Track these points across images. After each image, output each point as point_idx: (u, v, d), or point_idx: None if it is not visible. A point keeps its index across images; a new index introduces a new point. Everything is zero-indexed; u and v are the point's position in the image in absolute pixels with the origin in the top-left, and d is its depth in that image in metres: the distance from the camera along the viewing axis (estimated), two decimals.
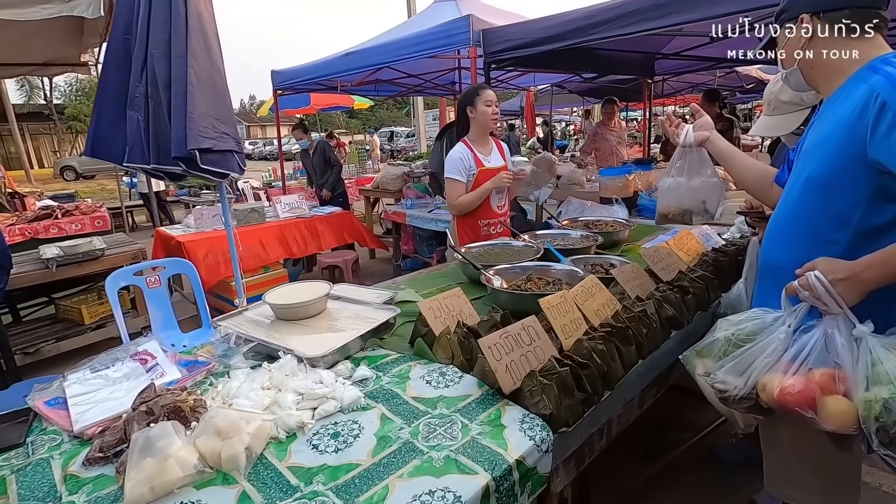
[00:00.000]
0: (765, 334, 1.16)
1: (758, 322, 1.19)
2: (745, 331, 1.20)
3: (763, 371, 1.11)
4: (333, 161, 5.65)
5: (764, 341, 1.15)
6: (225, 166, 2.44)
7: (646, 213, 3.09)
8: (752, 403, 1.13)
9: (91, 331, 3.62)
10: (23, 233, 5.25)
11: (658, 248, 1.84)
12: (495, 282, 1.80)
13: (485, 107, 2.56)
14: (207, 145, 2.33)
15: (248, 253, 4.04)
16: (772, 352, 1.11)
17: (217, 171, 2.39)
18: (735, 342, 1.21)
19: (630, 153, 9.50)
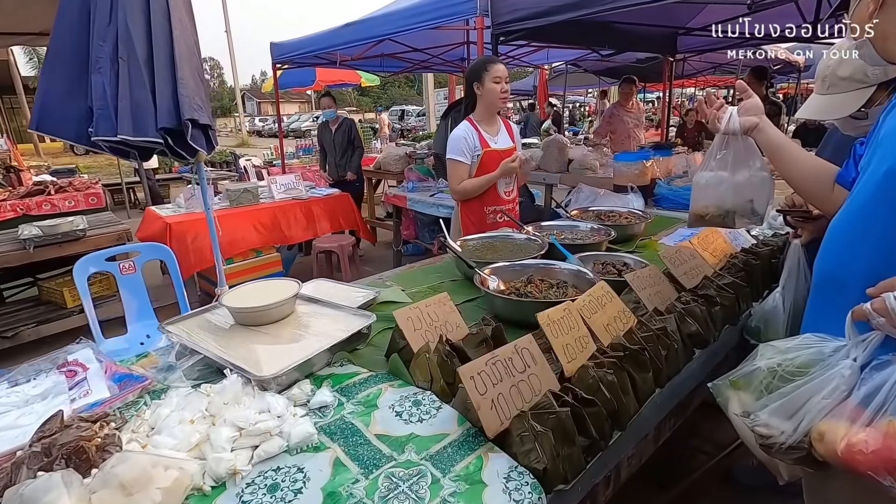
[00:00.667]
0: (822, 368, 0.92)
1: (813, 352, 0.96)
2: (795, 361, 0.97)
3: (820, 415, 0.88)
4: (357, 143, 5.19)
5: (821, 377, 0.91)
6: (201, 142, 2.22)
7: (664, 203, 2.82)
8: (803, 454, 0.90)
9: (75, 314, 3.47)
10: (14, 209, 5.10)
11: (680, 249, 1.60)
12: (491, 283, 1.58)
13: (493, 83, 2.30)
14: (195, 116, 2.11)
15: (238, 236, 3.84)
16: (832, 392, 0.88)
17: (194, 147, 2.17)
18: (782, 375, 0.98)
19: (646, 136, 9.12)
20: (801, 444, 0.90)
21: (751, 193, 1.33)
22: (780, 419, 0.93)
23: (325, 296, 1.65)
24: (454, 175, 2.40)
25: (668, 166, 3.13)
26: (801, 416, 0.90)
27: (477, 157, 2.37)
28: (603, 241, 2.03)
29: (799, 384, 0.92)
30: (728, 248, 1.76)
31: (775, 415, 0.93)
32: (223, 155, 11.73)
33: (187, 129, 2.02)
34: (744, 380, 1.03)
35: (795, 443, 0.90)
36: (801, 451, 0.90)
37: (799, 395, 0.92)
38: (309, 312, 1.42)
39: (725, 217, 1.38)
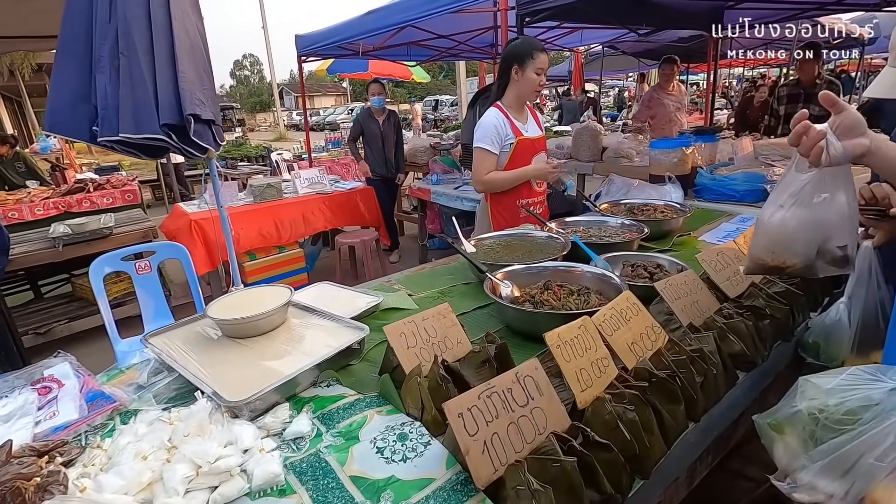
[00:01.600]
0: (874, 418, 0.73)
1: (860, 397, 0.76)
2: (840, 408, 0.77)
3: (873, 479, 0.69)
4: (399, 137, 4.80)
5: (874, 431, 0.72)
6: (205, 139, 2.15)
7: (706, 194, 2.56)
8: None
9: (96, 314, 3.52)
10: (56, 206, 5.28)
11: (723, 250, 1.39)
12: (504, 289, 1.42)
13: (534, 74, 2.12)
14: (197, 112, 2.04)
15: (260, 232, 3.81)
16: (890, 450, 0.69)
17: (199, 144, 2.10)
18: (826, 424, 0.78)
19: (689, 121, 8.59)
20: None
21: (840, 234, 1.02)
22: (827, 480, 0.74)
23: (326, 301, 1.54)
24: (481, 165, 2.22)
25: (711, 153, 2.85)
26: (853, 479, 0.71)
27: (509, 145, 2.20)
28: (634, 239, 1.82)
29: (850, 438, 0.73)
30: None
31: (822, 476, 0.74)
32: (258, 149, 11.95)
33: (189, 125, 1.94)
34: (787, 422, 0.84)
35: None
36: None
37: (848, 452, 0.73)
38: (302, 323, 1.31)
39: (807, 267, 1.07)
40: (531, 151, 2.28)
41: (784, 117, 4.13)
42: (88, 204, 5.43)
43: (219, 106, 2.46)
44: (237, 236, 3.73)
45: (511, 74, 2.17)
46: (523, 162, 2.25)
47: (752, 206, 2.40)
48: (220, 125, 2.41)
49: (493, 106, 2.24)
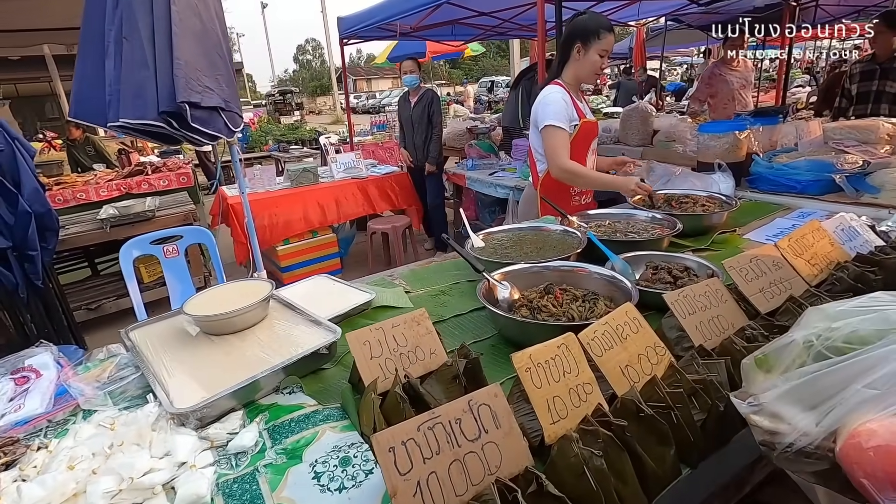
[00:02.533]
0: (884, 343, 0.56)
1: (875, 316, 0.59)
2: (843, 332, 0.61)
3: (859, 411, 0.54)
4: (436, 121, 4.27)
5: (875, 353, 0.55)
6: (211, 126, 2.14)
7: (762, 184, 2.26)
8: (824, 467, 0.56)
9: (150, 289, 3.72)
10: (118, 188, 5.63)
11: (758, 256, 1.18)
12: (501, 292, 1.29)
13: (597, 55, 1.95)
14: (195, 99, 2.03)
15: (294, 217, 3.85)
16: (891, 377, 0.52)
17: (204, 131, 2.10)
18: (821, 351, 0.62)
19: (763, 100, 7.79)
20: (822, 448, 0.55)
21: None
22: (795, 408, 0.58)
23: (318, 296, 1.48)
24: (557, 145, 1.99)
25: (771, 137, 2.52)
26: (829, 408, 0.55)
27: (574, 127, 2.04)
28: (663, 236, 1.62)
29: (836, 360, 0.57)
30: (836, 253, 1.29)
31: (789, 401, 0.59)
32: (312, 133, 12.23)
33: (185, 112, 1.92)
34: (773, 355, 0.68)
35: (813, 447, 0.55)
36: (822, 461, 0.55)
37: (832, 375, 0.56)
38: (281, 321, 1.25)
39: None
40: (591, 136, 2.12)
41: (857, 97, 3.63)
42: (147, 186, 5.74)
43: (236, 91, 2.44)
44: (273, 221, 3.79)
45: (572, 52, 1.99)
46: (583, 147, 2.09)
47: (815, 198, 2.09)
48: (235, 111, 2.40)
49: (553, 83, 2.05)
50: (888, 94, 3.44)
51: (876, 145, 2.27)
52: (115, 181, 5.69)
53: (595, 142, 2.15)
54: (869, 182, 2.03)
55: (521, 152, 3.95)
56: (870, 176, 2.05)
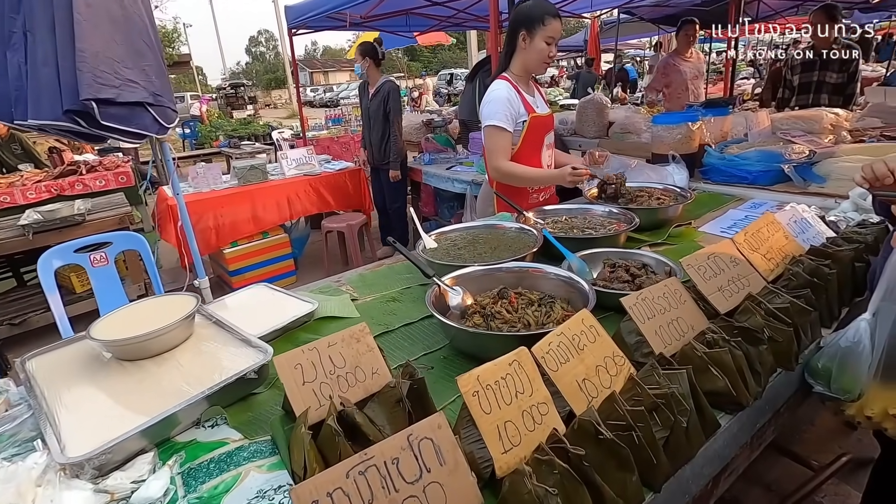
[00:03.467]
0: None
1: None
2: None
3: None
4: (392, 118, 3.76)
5: None
6: (134, 123, 1.94)
7: (714, 176, 2.27)
8: None
9: (83, 300, 3.43)
10: (49, 190, 5.20)
11: (716, 252, 1.14)
12: (453, 297, 1.20)
13: (544, 43, 1.85)
14: (107, 95, 1.83)
15: (241, 217, 3.64)
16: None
17: (125, 129, 1.90)
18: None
19: (711, 91, 8.03)
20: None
21: None
22: None
23: (256, 308, 1.35)
24: (497, 147, 1.92)
25: (722, 128, 2.53)
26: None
27: (522, 123, 1.94)
28: (620, 232, 1.58)
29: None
30: (791, 246, 1.26)
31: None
32: (264, 127, 11.77)
33: (93, 110, 1.73)
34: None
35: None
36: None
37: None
38: (209, 340, 1.11)
39: None
40: (543, 130, 2.04)
41: (799, 87, 3.75)
42: (81, 187, 5.32)
43: (168, 83, 2.25)
44: (219, 222, 3.57)
45: (518, 41, 1.90)
46: (536, 143, 2.01)
47: (766, 189, 2.11)
48: (167, 106, 2.21)
49: (500, 78, 1.96)
50: (828, 84, 3.56)
51: (820, 135, 2.32)
52: (45, 182, 5.25)
53: (550, 136, 2.09)
54: (815, 172, 2.06)
55: (478, 146, 3.87)
56: (816, 165, 2.08)
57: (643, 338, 0.97)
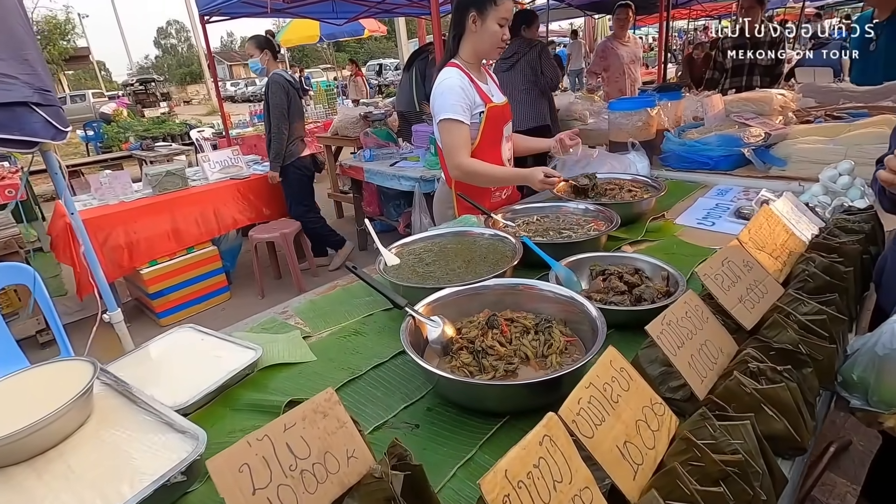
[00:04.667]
0: None
1: None
2: None
3: None
4: (272, 114, 3.39)
5: None
6: (19, 129, 1.56)
7: (675, 162, 2.20)
8: None
9: None
10: None
11: (728, 256, 1.00)
12: (431, 331, 0.99)
13: (496, 25, 1.66)
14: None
15: (158, 231, 3.20)
16: None
17: (4, 138, 1.52)
18: None
19: (642, 75, 8.27)
20: None
21: None
22: None
23: (180, 362, 1.07)
24: (456, 142, 1.71)
25: (676, 113, 2.48)
26: None
27: (479, 114, 1.75)
28: (602, 232, 1.43)
29: None
30: (792, 241, 1.16)
31: None
32: (181, 126, 10.77)
33: None
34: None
35: None
36: None
37: None
38: (112, 424, 0.83)
39: None
40: (502, 121, 1.85)
41: (732, 70, 3.85)
42: None
43: (49, 81, 1.84)
44: (131, 239, 3.11)
45: (467, 23, 1.69)
46: (495, 136, 1.82)
47: (728, 174, 2.06)
48: (55, 105, 1.82)
49: (449, 65, 1.75)
50: (760, 65, 3.66)
51: (770, 116, 2.31)
52: None
53: (508, 127, 1.91)
54: (774, 154, 2.03)
55: (423, 139, 3.64)
56: (773, 148, 2.05)
57: (668, 368, 0.82)
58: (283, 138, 3.43)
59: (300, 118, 3.55)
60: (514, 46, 3.62)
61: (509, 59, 3.66)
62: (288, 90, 3.39)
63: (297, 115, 3.51)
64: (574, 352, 0.98)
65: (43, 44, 28.12)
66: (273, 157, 3.50)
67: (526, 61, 3.62)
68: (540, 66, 3.61)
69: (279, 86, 3.38)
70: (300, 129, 3.58)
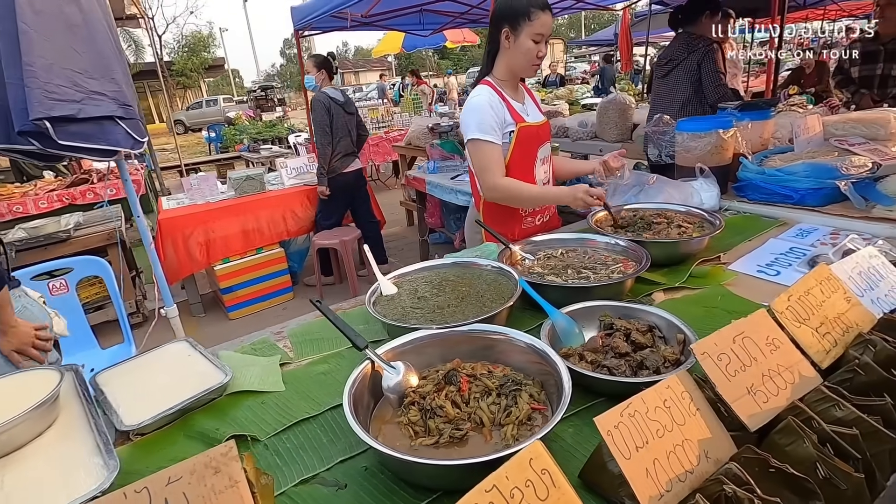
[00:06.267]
0: None
1: None
2: None
3: None
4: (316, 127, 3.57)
5: None
6: (104, 140, 1.76)
7: (752, 193, 1.89)
8: None
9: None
10: (61, 199, 5.20)
11: (747, 328, 0.80)
12: (389, 378, 0.92)
13: (531, 41, 1.57)
14: (65, 112, 1.65)
15: (232, 231, 3.45)
16: None
17: (92, 147, 1.72)
18: None
19: (753, 85, 7.39)
20: None
21: None
22: None
23: (158, 375, 1.11)
24: (488, 162, 1.63)
25: (763, 134, 2.14)
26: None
27: (509, 134, 1.67)
28: (623, 279, 1.25)
29: None
30: (853, 314, 0.91)
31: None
32: (287, 130, 11.70)
33: (47, 130, 1.54)
34: None
35: None
36: None
37: None
38: (71, 437, 0.87)
39: None
40: (536, 142, 1.75)
41: (860, 80, 3.25)
42: (92, 196, 5.31)
43: (133, 93, 2.06)
44: (209, 237, 3.40)
45: (501, 40, 1.62)
46: (527, 157, 1.72)
47: (816, 211, 1.73)
48: (136, 118, 2.02)
49: (482, 83, 1.70)
50: (894, 77, 3.07)
51: (886, 142, 1.90)
52: (58, 191, 5.26)
53: (546, 148, 1.77)
54: (880, 190, 1.66)
55: None
56: (881, 182, 1.68)
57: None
58: (326, 154, 3.53)
59: (346, 134, 3.59)
60: (671, 49, 2.94)
61: (665, 65, 2.96)
62: (329, 107, 3.50)
63: (341, 131, 3.56)
64: (540, 422, 0.85)
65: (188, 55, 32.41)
66: (318, 172, 3.62)
67: (683, 69, 2.85)
68: (699, 76, 2.81)
69: (320, 103, 3.52)
70: (346, 145, 3.60)
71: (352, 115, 3.64)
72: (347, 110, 3.61)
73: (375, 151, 6.79)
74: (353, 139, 3.64)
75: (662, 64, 3.02)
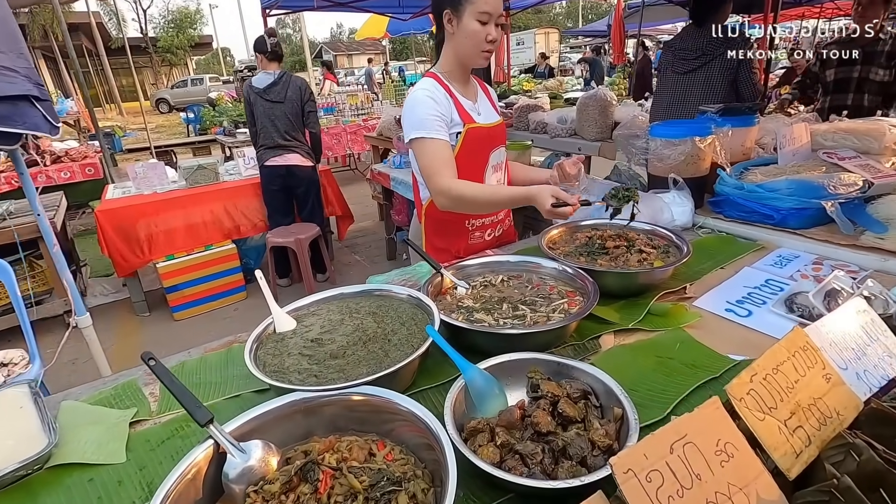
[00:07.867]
0: None
1: None
2: None
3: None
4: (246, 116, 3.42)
5: None
6: (20, 123, 1.53)
7: (728, 210, 1.69)
8: None
9: None
10: (9, 182, 4.89)
11: (687, 436, 0.59)
12: (231, 463, 0.70)
13: (476, 22, 1.33)
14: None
15: (176, 225, 3.19)
16: None
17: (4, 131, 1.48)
18: None
19: None
20: None
21: None
22: None
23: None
24: (436, 162, 1.39)
25: (745, 143, 1.93)
26: None
27: (455, 135, 1.44)
28: (565, 323, 1.03)
29: None
30: (834, 397, 0.70)
31: None
32: None
33: None
34: None
35: None
36: None
37: None
38: None
39: None
40: (488, 146, 1.52)
41: (834, 83, 3.04)
42: (44, 179, 5.01)
43: (35, 75, 1.79)
44: (151, 231, 3.14)
45: (445, 26, 1.38)
46: (476, 162, 1.49)
47: (798, 234, 1.53)
48: (49, 101, 1.77)
49: (426, 75, 1.47)
50: (872, 81, 2.86)
51: (880, 157, 1.71)
52: (6, 174, 4.95)
53: (499, 153, 1.55)
54: (871, 213, 1.47)
55: None
56: (872, 204, 1.49)
57: None
58: (253, 143, 3.37)
59: (268, 124, 3.26)
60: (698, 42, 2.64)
61: (694, 59, 2.65)
62: (249, 96, 3.27)
63: (261, 120, 3.27)
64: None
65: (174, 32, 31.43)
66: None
67: (719, 67, 2.59)
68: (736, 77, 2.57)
69: (245, 91, 3.32)
70: (268, 136, 3.27)
71: (278, 104, 3.23)
72: (268, 98, 3.22)
73: (354, 140, 6.50)
74: (280, 130, 3.26)
75: (690, 59, 2.71)
